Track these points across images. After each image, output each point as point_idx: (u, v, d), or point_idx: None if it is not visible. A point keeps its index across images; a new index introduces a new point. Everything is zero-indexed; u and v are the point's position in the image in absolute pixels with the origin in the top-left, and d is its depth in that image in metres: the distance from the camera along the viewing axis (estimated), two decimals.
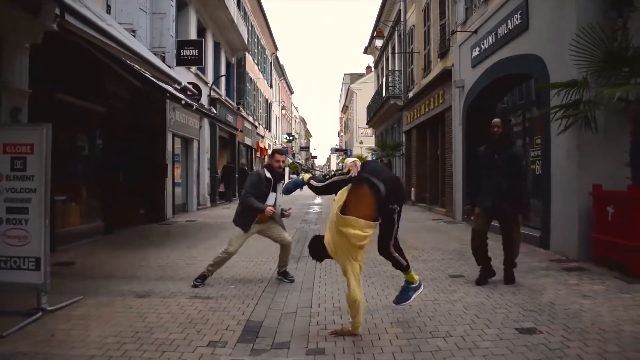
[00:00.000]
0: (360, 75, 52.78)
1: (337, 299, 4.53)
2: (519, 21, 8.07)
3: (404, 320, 3.87)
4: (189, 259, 6.60)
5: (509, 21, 8.47)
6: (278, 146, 40.32)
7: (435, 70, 13.90)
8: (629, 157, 5.83)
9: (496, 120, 5.18)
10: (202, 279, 5.13)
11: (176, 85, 7.04)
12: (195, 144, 15.17)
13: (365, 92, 40.99)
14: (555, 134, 6.40)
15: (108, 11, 9.20)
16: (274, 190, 5.20)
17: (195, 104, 10.29)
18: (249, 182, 5.22)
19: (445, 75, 12.44)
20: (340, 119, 75.89)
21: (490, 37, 9.36)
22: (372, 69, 32.00)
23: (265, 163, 5.40)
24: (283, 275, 5.40)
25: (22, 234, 4.11)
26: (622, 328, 3.55)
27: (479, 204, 5.14)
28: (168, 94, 9.08)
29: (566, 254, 6.43)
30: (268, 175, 5.16)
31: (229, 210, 12.83)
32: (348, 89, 55.58)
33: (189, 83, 12.76)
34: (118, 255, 6.94)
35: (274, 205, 5.16)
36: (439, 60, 13.72)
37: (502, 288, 4.81)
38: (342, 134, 74.05)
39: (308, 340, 3.48)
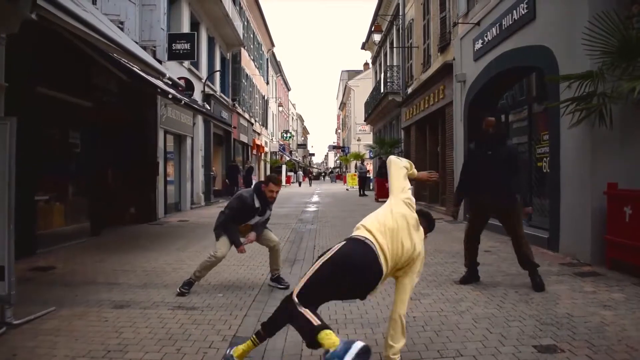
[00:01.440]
0: (358, 72, 52.43)
1: (334, 309, 4.14)
2: (526, 11, 7.67)
3: (407, 335, 3.46)
4: (177, 263, 6.21)
5: (514, 11, 8.07)
6: (275, 145, 39.83)
7: (435, 65, 13.49)
8: None
9: (491, 119, 5.04)
10: (188, 286, 4.73)
11: (161, 78, 6.62)
12: (188, 140, 14.76)
13: (363, 89, 40.65)
14: (567, 128, 6.00)
15: (94, 1, 8.79)
16: (260, 215, 4.85)
17: (184, 99, 9.88)
18: (235, 206, 4.80)
19: (446, 70, 12.04)
20: (338, 116, 75.51)
21: (494, 29, 8.97)
22: (370, 65, 31.64)
23: (256, 185, 4.89)
24: (276, 281, 5.01)
25: None
26: None
27: (474, 203, 5.01)
28: (159, 90, 8.67)
29: (577, 256, 6.06)
30: (257, 204, 4.75)
31: None
32: (345, 85, 55.22)
33: (181, 78, 12.36)
34: (102, 259, 6.54)
35: (255, 225, 4.88)
36: (439, 54, 13.32)
37: (513, 296, 4.43)
38: (339, 131, 73.71)
39: None
